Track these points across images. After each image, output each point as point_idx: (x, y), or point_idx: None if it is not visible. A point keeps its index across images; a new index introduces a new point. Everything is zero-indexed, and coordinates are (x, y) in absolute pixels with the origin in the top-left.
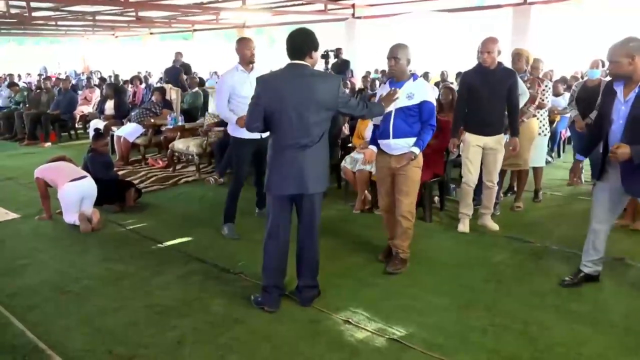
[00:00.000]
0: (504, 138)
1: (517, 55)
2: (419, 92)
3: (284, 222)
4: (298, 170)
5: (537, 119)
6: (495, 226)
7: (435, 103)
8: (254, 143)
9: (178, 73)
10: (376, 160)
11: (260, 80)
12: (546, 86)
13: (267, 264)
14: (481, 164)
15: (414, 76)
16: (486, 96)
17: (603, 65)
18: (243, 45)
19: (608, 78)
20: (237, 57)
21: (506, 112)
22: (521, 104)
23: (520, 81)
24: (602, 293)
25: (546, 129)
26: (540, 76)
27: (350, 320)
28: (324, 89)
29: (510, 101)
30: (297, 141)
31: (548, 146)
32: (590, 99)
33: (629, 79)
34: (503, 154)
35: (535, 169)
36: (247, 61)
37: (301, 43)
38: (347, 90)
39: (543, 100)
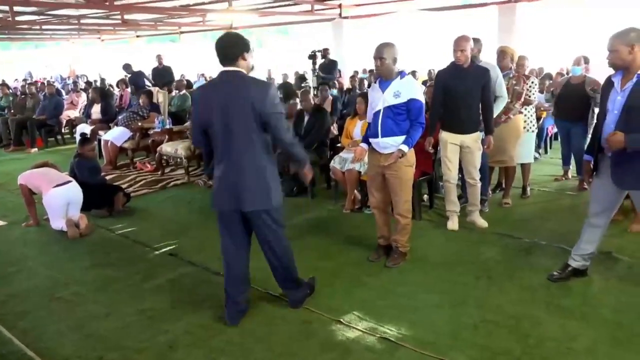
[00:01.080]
0: (480, 136)
1: (501, 53)
2: (406, 90)
3: (230, 241)
4: (233, 185)
5: (524, 115)
6: (484, 223)
7: (423, 101)
8: None
9: (163, 75)
10: (368, 158)
11: (194, 92)
12: (532, 83)
13: (224, 278)
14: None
15: (401, 74)
16: (461, 95)
17: (586, 62)
18: None
19: (590, 74)
20: None
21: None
22: (498, 109)
23: (502, 84)
24: (591, 287)
25: (533, 125)
26: (527, 73)
27: (342, 319)
28: (253, 95)
29: (484, 99)
30: (230, 153)
31: (535, 142)
32: (573, 96)
33: (627, 70)
34: (481, 151)
35: (523, 165)
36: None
37: (229, 47)
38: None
39: (530, 96)
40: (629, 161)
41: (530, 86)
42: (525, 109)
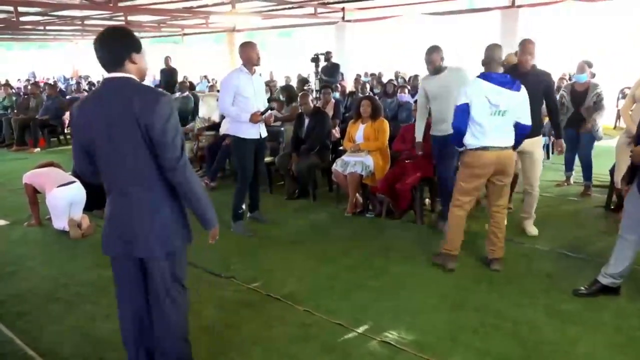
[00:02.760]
0: (541, 141)
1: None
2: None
3: (124, 291)
4: (123, 224)
5: None
6: (533, 231)
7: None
8: (254, 142)
9: (171, 76)
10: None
11: (73, 109)
12: None
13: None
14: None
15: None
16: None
17: (589, 66)
18: (249, 49)
19: (595, 80)
20: (237, 60)
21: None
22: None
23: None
24: None
25: None
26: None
27: (341, 322)
28: (143, 109)
29: (549, 103)
30: (117, 185)
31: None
32: (578, 103)
33: None
34: (542, 157)
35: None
36: (252, 64)
37: (113, 47)
38: (325, 97)
39: None
40: None
41: None
42: None
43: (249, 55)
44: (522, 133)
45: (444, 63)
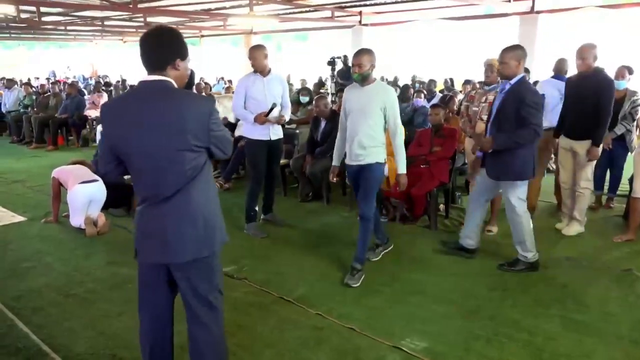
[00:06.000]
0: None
1: (489, 67)
2: None
3: (150, 303)
4: (160, 230)
5: None
6: (573, 232)
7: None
8: (267, 143)
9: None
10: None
11: (103, 108)
12: None
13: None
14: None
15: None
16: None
17: (630, 73)
18: (250, 54)
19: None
20: (246, 63)
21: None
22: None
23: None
24: (609, 304)
25: None
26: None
27: (353, 327)
28: (191, 115)
29: (597, 107)
30: (155, 191)
31: None
32: (615, 112)
33: (508, 79)
34: (592, 161)
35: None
36: (259, 70)
37: (161, 48)
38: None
39: None
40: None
41: None
42: None
43: (252, 63)
44: None
45: (374, 74)
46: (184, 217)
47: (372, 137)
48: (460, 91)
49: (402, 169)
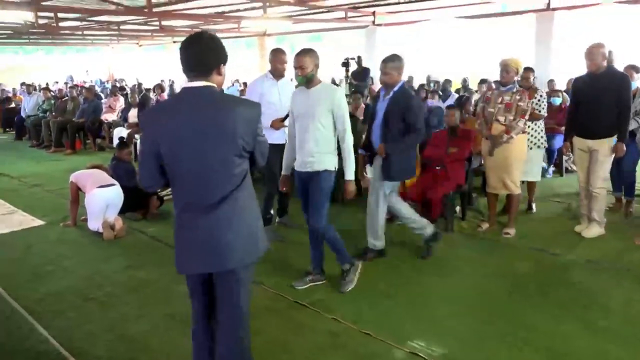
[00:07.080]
0: (609, 142)
1: (505, 67)
2: None
3: (198, 313)
4: (206, 238)
5: (532, 129)
6: (592, 235)
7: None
8: (281, 146)
9: None
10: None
11: (144, 115)
12: (541, 96)
13: None
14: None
15: None
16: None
17: (636, 72)
18: (274, 59)
19: None
20: (267, 64)
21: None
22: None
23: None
24: (633, 308)
25: (540, 140)
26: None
27: (369, 331)
28: (239, 120)
29: (618, 105)
30: (200, 197)
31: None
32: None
33: (391, 86)
34: (610, 159)
35: (529, 183)
36: (278, 74)
37: (207, 54)
38: (363, 100)
39: (540, 111)
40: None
41: (539, 100)
42: (535, 123)
43: (274, 66)
44: None
45: (319, 75)
46: (230, 225)
47: (322, 142)
48: (476, 91)
49: (350, 175)
